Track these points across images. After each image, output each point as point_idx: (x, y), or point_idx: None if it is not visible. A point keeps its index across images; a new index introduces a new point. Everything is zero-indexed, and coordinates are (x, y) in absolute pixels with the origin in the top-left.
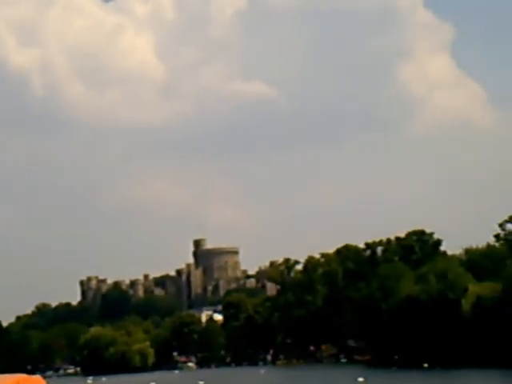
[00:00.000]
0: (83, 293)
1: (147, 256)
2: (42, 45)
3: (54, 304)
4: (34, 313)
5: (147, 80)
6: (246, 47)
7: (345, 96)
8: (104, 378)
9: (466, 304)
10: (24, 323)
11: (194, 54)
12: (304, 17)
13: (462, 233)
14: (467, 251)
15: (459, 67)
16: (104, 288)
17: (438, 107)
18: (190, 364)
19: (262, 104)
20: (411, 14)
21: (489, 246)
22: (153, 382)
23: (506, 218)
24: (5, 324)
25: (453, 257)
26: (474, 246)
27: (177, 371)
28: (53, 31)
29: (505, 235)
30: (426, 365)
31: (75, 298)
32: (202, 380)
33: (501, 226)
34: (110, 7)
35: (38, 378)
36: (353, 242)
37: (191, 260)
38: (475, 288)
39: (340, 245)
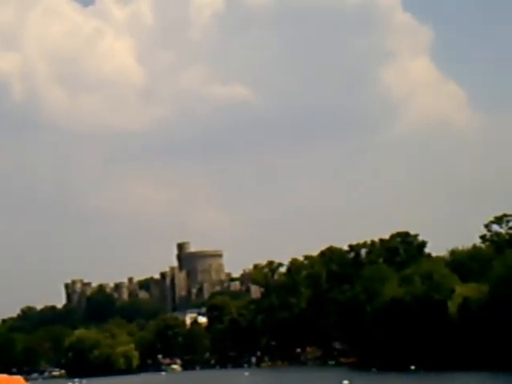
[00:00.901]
0: (68, 296)
1: (131, 259)
2: (21, 49)
3: (39, 307)
4: (19, 316)
5: (127, 84)
6: (225, 50)
7: (325, 97)
8: (84, 381)
9: (452, 306)
10: (9, 326)
11: (173, 58)
12: (282, 18)
13: (445, 234)
14: (452, 252)
15: (439, 69)
16: (89, 291)
17: (419, 108)
18: (175, 366)
19: (241, 106)
20: (391, 17)
21: (474, 247)
22: None
23: (491, 218)
24: None
25: (438, 258)
26: (460, 248)
27: (163, 373)
28: (32, 36)
29: (491, 236)
30: (413, 367)
31: (60, 301)
32: None
33: (487, 226)
34: (88, 12)
35: (18, 378)
36: (337, 244)
37: (175, 263)
38: (462, 289)
39: (324, 247)
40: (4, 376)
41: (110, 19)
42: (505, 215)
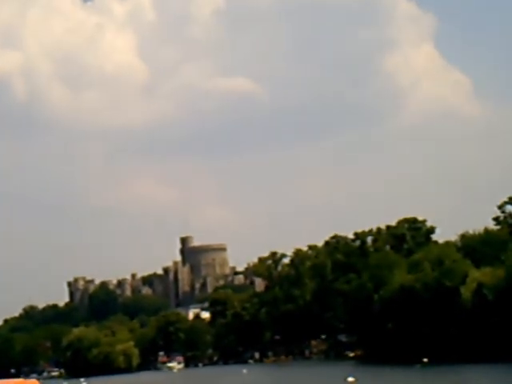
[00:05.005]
0: (71, 294)
1: (134, 255)
2: (23, 47)
3: (41, 306)
4: (21, 315)
5: (129, 80)
6: (227, 45)
7: (329, 89)
8: (83, 379)
9: (466, 292)
10: (11, 326)
11: (175, 54)
12: (284, 12)
13: (453, 219)
14: (463, 237)
15: (443, 57)
16: (91, 288)
17: (424, 97)
18: (171, 364)
19: (245, 101)
20: (394, 6)
21: (487, 230)
22: None
23: (505, 199)
24: None
25: (448, 243)
26: (470, 232)
27: (162, 371)
28: (32, 33)
29: (505, 218)
30: (425, 360)
31: (63, 299)
32: None
33: (500, 208)
34: (89, 7)
35: (34, 381)
36: (341, 233)
37: (179, 258)
38: (476, 275)
39: (328, 237)
40: (19, 380)
41: (110, 15)
42: None
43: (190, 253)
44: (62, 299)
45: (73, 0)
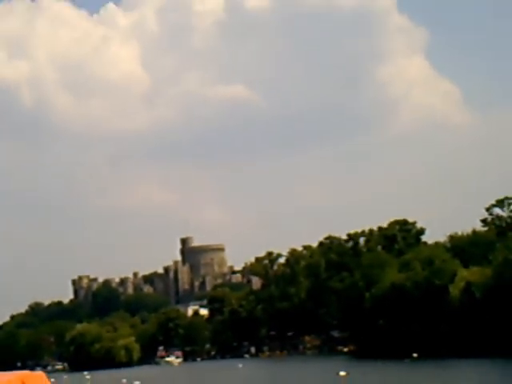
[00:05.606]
0: (75, 291)
1: (136, 255)
2: (30, 57)
3: (46, 303)
4: (27, 312)
5: (132, 88)
6: (227, 54)
7: (324, 97)
8: (86, 372)
9: (454, 290)
10: (17, 322)
11: (176, 63)
12: (281, 23)
13: (442, 222)
14: (451, 238)
15: (434, 68)
16: (95, 286)
17: (415, 106)
18: (169, 359)
19: (243, 107)
20: (386, 18)
21: (474, 231)
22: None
23: (493, 202)
24: None
25: (437, 244)
26: (459, 233)
27: (161, 365)
28: (40, 44)
29: (492, 220)
30: (415, 355)
31: (68, 297)
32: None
33: (488, 210)
34: (95, 20)
35: (40, 373)
36: (335, 234)
37: (179, 257)
38: (464, 274)
39: (322, 237)
40: (26, 372)
41: (115, 27)
42: (506, 198)
43: (189, 253)
44: (67, 296)
45: (79, 12)
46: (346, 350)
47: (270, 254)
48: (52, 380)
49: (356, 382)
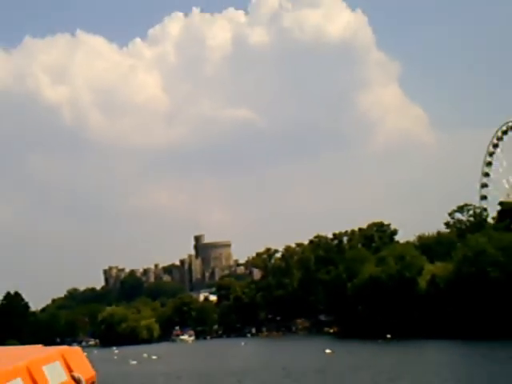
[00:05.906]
0: (106, 279)
1: (157, 249)
2: (70, 83)
3: (82, 288)
4: (66, 296)
5: (155, 109)
6: (234, 82)
7: (314, 119)
8: (114, 347)
9: (421, 282)
10: (58, 305)
11: (192, 88)
12: (280, 56)
13: (410, 224)
14: (420, 238)
15: (406, 96)
16: (122, 275)
17: (390, 128)
18: (183, 337)
19: (247, 127)
20: (367, 54)
21: (439, 232)
22: (155, 355)
23: (454, 208)
24: (42, 305)
25: (408, 243)
26: (426, 234)
27: (177, 342)
28: (78, 71)
29: (454, 223)
30: (388, 336)
31: (99, 284)
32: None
33: (450, 214)
34: (124, 52)
35: (77, 348)
36: (323, 233)
37: (192, 252)
38: (430, 268)
39: (312, 236)
40: (65, 347)
41: (141, 58)
42: (466, 205)
43: (201, 248)
44: (99, 283)
45: (111, 46)
46: (331, 331)
47: (268, 249)
48: (85, 353)
49: (339, 357)
